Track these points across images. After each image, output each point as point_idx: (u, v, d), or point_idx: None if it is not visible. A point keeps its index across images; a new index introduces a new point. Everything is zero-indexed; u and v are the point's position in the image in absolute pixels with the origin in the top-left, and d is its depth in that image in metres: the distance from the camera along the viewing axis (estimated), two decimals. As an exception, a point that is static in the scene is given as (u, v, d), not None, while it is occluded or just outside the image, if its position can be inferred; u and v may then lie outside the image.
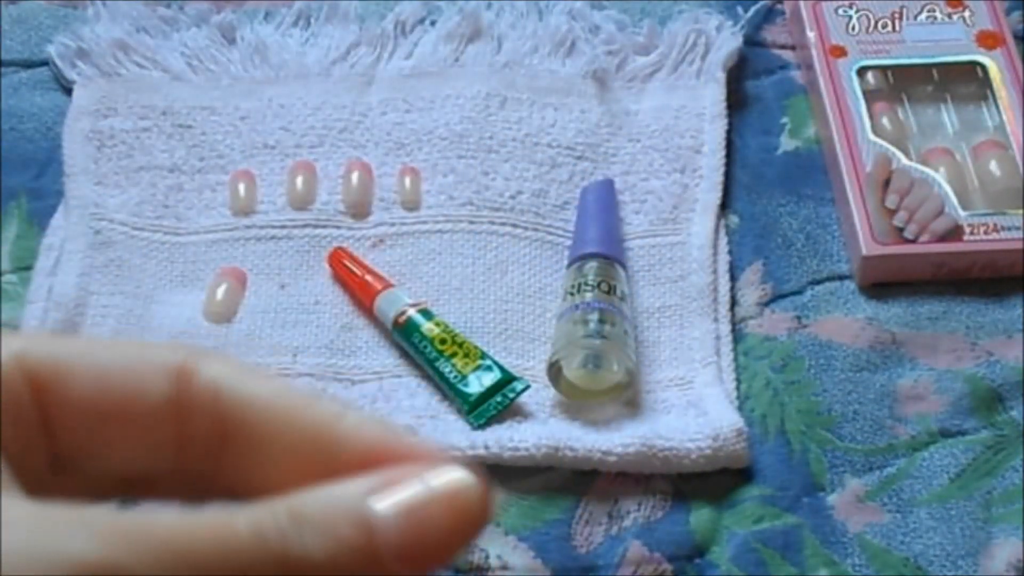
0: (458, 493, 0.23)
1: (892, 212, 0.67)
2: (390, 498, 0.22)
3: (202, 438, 0.25)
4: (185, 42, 0.76)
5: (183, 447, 0.25)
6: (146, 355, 0.25)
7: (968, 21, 0.74)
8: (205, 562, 0.21)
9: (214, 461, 0.25)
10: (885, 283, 0.67)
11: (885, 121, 0.70)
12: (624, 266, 0.65)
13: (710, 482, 0.60)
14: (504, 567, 0.57)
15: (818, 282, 0.67)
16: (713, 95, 0.73)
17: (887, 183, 0.68)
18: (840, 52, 0.73)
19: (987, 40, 0.73)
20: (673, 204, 0.69)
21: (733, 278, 0.67)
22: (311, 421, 0.24)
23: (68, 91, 0.74)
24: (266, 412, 0.24)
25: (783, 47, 0.78)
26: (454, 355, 0.62)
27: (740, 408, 0.62)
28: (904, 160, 0.68)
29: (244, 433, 0.24)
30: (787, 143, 0.73)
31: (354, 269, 0.66)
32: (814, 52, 0.73)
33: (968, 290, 0.66)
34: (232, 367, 0.25)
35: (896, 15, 0.74)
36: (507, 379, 0.62)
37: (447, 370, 0.62)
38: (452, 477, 0.23)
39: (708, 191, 0.70)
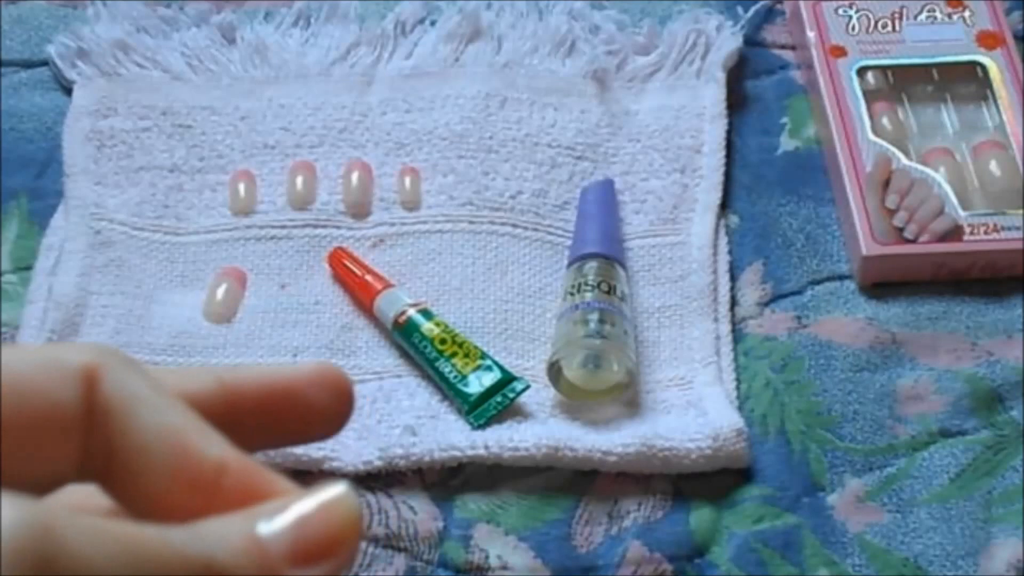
0: (339, 501, 0.26)
1: (892, 212, 0.67)
2: (278, 515, 0.25)
3: (100, 449, 0.25)
4: (185, 42, 0.76)
5: (88, 456, 0.25)
6: (55, 358, 0.25)
7: (968, 21, 0.74)
8: (132, 553, 0.23)
9: (107, 474, 0.25)
10: (885, 283, 0.67)
11: (885, 121, 0.70)
12: (624, 266, 0.65)
13: (710, 482, 0.60)
14: (504, 567, 0.57)
15: (818, 282, 0.67)
16: (713, 95, 0.73)
17: (887, 183, 0.67)
18: (840, 52, 0.73)
19: (987, 40, 0.73)
20: (673, 204, 0.69)
21: (733, 278, 0.67)
22: (194, 464, 0.25)
23: (68, 91, 0.74)
24: (150, 445, 0.25)
25: (783, 47, 0.78)
26: (454, 355, 0.62)
27: (740, 408, 0.62)
28: (904, 160, 0.68)
29: (126, 456, 0.25)
30: (787, 143, 0.73)
31: (354, 269, 0.66)
32: (814, 52, 0.73)
33: (968, 290, 0.66)
34: (136, 384, 0.25)
35: (896, 15, 0.74)
36: (507, 379, 0.62)
37: (447, 370, 0.62)
38: (332, 492, 0.26)
39: (708, 191, 0.70)
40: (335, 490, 0.26)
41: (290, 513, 0.25)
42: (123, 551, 0.23)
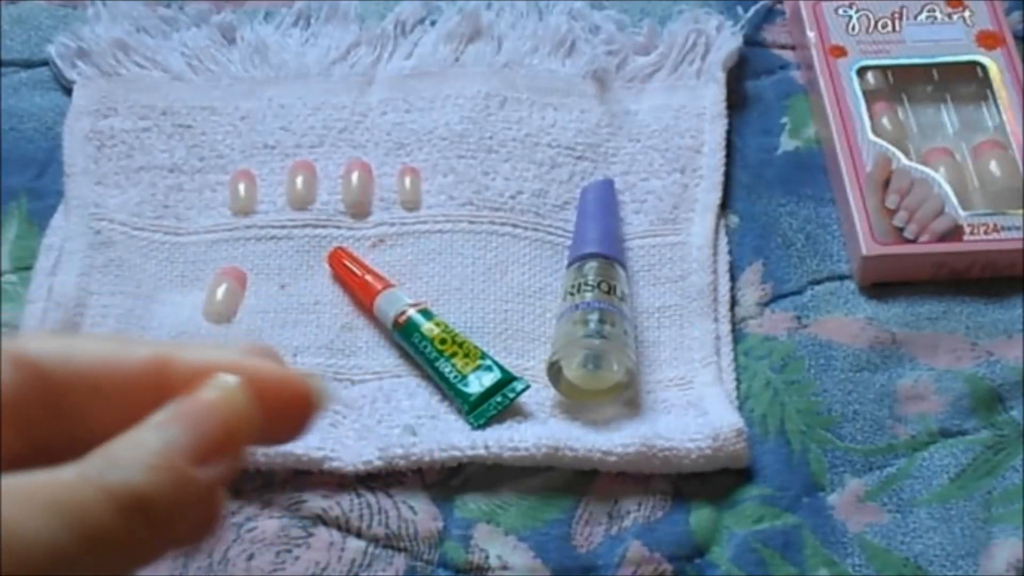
0: (225, 391, 0.29)
1: (892, 212, 0.67)
2: (175, 425, 0.28)
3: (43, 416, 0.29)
4: (185, 42, 0.76)
5: (27, 431, 0.29)
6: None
7: (968, 21, 0.74)
8: (54, 506, 0.26)
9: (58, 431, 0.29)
10: (885, 283, 0.67)
11: (885, 121, 0.70)
12: (624, 266, 0.65)
13: (710, 482, 0.60)
14: (504, 567, 0.57)
15: (818, 282, 0.67)
16: (713, 95, 0.73)
17: (887, 183, 0.68)
18: (840, 52, 0.73)
19: (987, 40, 0.73)
20: (673, 204, 0.69)
21: (733, 278, 0.67)
22: (132, 370, 0.30)
23: (68, 91, 0.74)
24: (98, 371, 0.30)
25: (783, 47, 0.78)
26: (454, 355, 0.62)
27: (740, 408, 0.62)
28: (904, 160, 0.68)
29: (79, 397, 0.29)
30: (787, 143, 0.73)
31: (354, 269, 0.66)
32: (814, 52, 0.73)
33: (968, 290, 0.66)
34: (55, 342, 0.30)
35: (896, 15, 0.74)
36: (507, 379, 0.62)
37: (447, 370, 0.62)
38: (219, 384, 0.29)
39: (708, 191, 0.70)
40: (219, 384, 0.29)
41: (182, 418, 0.28)
42: (47, 505, 0.25)
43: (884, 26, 0.74)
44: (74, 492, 0.26)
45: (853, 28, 0.74)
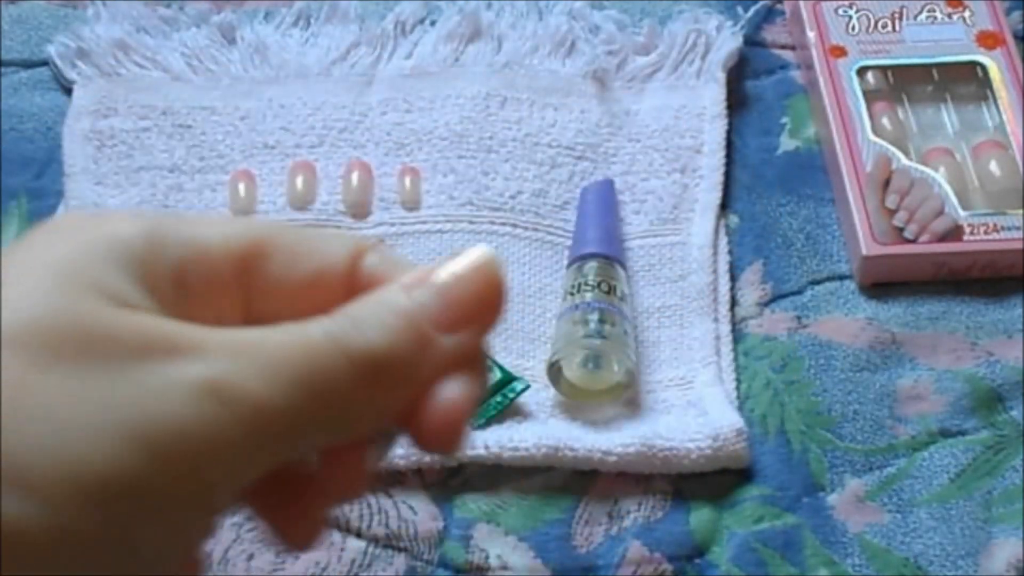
0: (481, 263, 0.29)
1: (892, 212, 0.67)
2: (423, 286, 0.28)
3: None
4: (185, 42, 0.76)
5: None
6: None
7: (968, 21, 0.74)
8: (297, 370, 0.26)
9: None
10: (885, 283, 0.67)
11: (885, 121, 0.70)
12: (624, 266, 0.65)
13: (710, 482, 0.60)
14: (504, 567, 0.57)
15: (818, 282, 0.67)
16: (713, 95, 0.73)
17: (887, 183, 0.68)
18: (840, 52, 0.73)
19: (987, 40, 0.73)
20: (673, 204, 0.69)
21: (733, 278, 0.67)
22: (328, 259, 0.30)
23: (68, 91, 0.74)
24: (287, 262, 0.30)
25: (783, 47, 0.78)
26: (454, 355, 0.62)
27: (740, 408, 0.62)
28: (904, 160, 0.68)
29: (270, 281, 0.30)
30: (787, 143, 0.73)
31: (354, 269, 0.66)
32: (814, 52, 0.73)
33: (968, 290, 0.66)
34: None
35: (896, 15, 0.74)
36: (507, 379, 0.62)
37: (447, 370, 0.62)
38: (474, 255, 0.29)
39: (708, 191, 0.70)
40: (475, 255, 0.29)
41: (434, 281, 0.28)
42: (293, 367, 0.26)
43: (884, 26, 0.74)
44: (319, 354, 0.26)
45: (853, 28, 0.74)
